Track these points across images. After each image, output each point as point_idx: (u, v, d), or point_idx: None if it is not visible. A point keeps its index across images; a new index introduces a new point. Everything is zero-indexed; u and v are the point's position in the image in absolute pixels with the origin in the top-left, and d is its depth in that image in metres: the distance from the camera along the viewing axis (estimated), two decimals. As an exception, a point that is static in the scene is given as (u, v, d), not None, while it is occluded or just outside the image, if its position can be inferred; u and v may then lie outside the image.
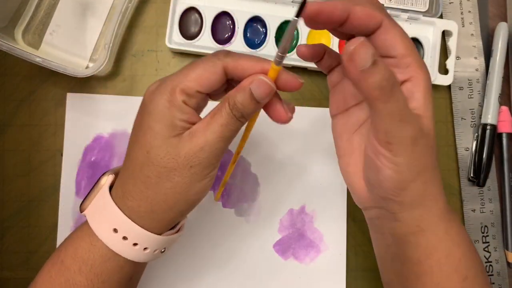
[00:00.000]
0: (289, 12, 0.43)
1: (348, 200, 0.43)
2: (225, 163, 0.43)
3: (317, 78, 0.45)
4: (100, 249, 0.29)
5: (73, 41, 0.42)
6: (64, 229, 0.41)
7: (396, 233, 0.29)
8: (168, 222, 0.29)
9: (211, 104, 0.30)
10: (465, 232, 0.31)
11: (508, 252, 0.44)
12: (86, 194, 0.41)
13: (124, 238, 0.28)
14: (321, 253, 0.43)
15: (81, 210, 0.31)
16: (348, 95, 0.31)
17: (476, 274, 0.29)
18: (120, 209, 0.28)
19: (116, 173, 0.31)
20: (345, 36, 0.30)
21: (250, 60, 0.28)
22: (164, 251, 0.31)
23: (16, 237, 0.42)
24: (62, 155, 0.42)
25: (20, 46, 0.40)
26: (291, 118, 0.30)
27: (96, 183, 0.31)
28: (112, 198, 0.29)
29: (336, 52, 0.32)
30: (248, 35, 0.43)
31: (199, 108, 0.30)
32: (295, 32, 0.43)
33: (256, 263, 0.42)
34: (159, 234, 0.29)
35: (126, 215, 0.28)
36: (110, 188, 0.30)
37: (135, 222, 0.28)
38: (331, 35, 0.43)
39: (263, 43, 0.43)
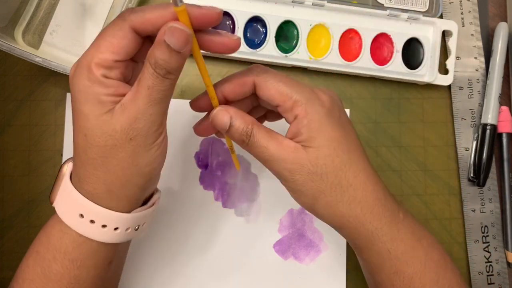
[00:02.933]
0: (289, 12, 0.43)
1: (348, 200, 0.43)
2: (224, 164, 0.43)
3: (317, 78, 0.45)
4: (71, 235, 0.28)
5: (73, 41, 0.42)
6: (64, 229, 0.41)
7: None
8: (131, 199, 0.28)
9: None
10: (419, 232, 0.32)
11: (508, 252, 0.44)
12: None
13: (92, 221, 0.28)
14: (321, 253, 0.43)
15: (50, 202, 0.30)
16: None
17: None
18: (81, 194, 0.28)
19: None
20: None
21: (156, 10, 0.26)
22: (138, 229, 0.30)
23: (16, 237, 0.42)
24: (62, 155, 0.42)
25: (20, 46, 0.40)
26: (239, 41, 0.28)
27: (58, 173, 0.30)
28: (73, 185, 0.29)
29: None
30: (248, 35, 0.43)
31: (127, 78, 0.28)
32: (295, 32, 0.43)
33: (256, 263, 0.42)
34: (128, 212, 0.28)
35: (88, 199, 0.28)
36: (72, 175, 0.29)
37: (97, 204, 0.28)
38: (331, 35, 0.43)
39: (263, 43, 0.43)
